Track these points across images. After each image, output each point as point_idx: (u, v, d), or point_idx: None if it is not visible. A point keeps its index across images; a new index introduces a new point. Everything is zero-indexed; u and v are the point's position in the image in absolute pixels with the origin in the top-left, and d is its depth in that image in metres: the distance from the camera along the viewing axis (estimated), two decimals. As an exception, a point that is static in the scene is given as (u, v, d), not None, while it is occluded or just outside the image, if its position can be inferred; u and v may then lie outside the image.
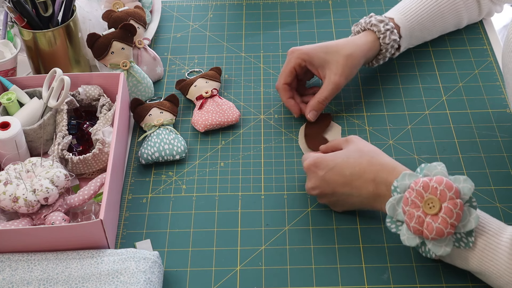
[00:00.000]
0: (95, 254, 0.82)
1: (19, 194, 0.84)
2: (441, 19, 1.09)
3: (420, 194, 0.76)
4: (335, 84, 0.99)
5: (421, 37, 1.10)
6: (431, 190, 0.75)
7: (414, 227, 0.76)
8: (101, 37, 1.04)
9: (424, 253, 0.78)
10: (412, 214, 0.76)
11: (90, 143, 0.99)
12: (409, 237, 0.77)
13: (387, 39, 1.03)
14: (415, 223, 0.75)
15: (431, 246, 0.76)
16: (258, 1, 1.28)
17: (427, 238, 0.75)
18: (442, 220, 0.74)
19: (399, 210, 0.78)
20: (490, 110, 1.04)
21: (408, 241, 0.77)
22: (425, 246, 0.77)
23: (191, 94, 1.06)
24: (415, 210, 0.76)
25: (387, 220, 0.79)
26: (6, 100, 0.97)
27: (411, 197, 0.76)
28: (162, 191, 0.95)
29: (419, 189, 0.76)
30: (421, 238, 0.77)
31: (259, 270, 0.85)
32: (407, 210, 0.76)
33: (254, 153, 1.00)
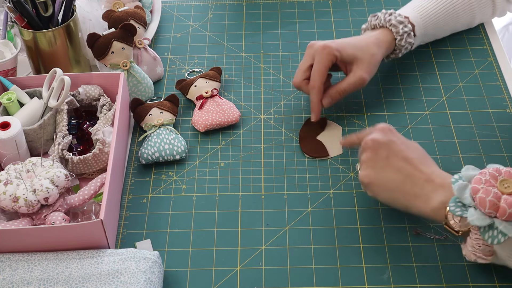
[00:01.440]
0: (95, 254, 0.82)
1: (19, 194, 0.84)
2: (455, 18, 1.09)
3: (493, 175, 0.74)
4: (361, 79, 1.00)
5: (433, 35, 1.10)
6: (504, 174, 0.74)
7: (491, 202, 0.72)
8: (101, 37, 1.04)
9: (490, 238, 0.73)
10: (488, 190, 0.73)
11: (90, 143, 0.99)
12: (479, 217, 0.73)
13: (403, 42, 1.03)
14: (492, 197, 0.72)
15: (502, 227, 0.72)
16: (258, 1, 1.28)
17: (503, 215, 0.71)
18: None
19: (467, 193, 0.75)
20: (490, 110, 1.04)
21: (478, 221, 0.73)
22: (494, 230, 0.73)
23: (191, 94, 1.06)
24: (490, 187, 0.73)
25: (451, 204, 0.75)
26: (6, 100, 0.97)
27: (484, 177, 0.74)
28: (162, 191, 0.95)
29: (492, 172, 0.75)
30: (491, 220, 0.73)
31: (259, 270, 0.85)
32: (481, 187, 0.73)
33: (254, 153, 1.00)
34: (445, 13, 1.07)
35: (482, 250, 0.75)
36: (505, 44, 1.78)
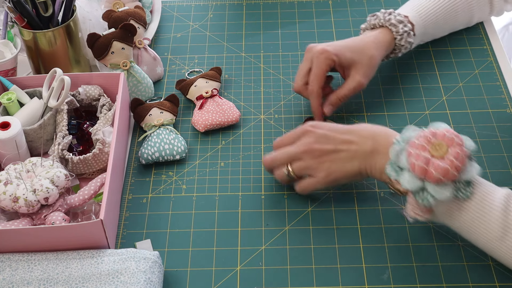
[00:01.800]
0: (95, 254, 0.82)
1: (19, 194, 0.84)
2: (454, 17, 1.09)
3: (427, 139, 0.77)
4: (359, 83, 1.00)
5: (432, 34, 1.11)
6: (437, 136, 0.77)
7: (419, 167, 0.75)
8: (101, 37, 1.04)
9: (422, 199, 0.77)
10: (419, 155, 0.76)
11: (90, 143, 0.99)
12: (410, 180, 0.77)
13: (403, 41, 1.03)
14: (422, 162, 0.75)
15: (432, 189, 0.75)
16: (258, 1, 1.28)
17: (430, 178, 0.75)
18: (448, 161, 0.75)
19: (402, 156, 0.78)
20: (490, 110, 1.04)
21: (409, 184, 0.76)
22: (424, 192, 0.76)
23: (191, 94, 1.06)
24: (421, 151, 0.76)
25: (387, 167, 0.80)
26: (6, 100, 0.97)
27: (418, 141, 0.77)
28: (162, 191, 0.95)
29: (427, 135, 0.77)
30: (421, 183, 0.76)
31: (259, 270, 0.85)
32: (414, 152, 0.76)
33: (254, 153, 1.00)
34: (445, 12, 1.07)
35: (420, 208, 0.79)
36: (505, 44, 1.78)
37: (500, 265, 0.83)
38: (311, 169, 0.87)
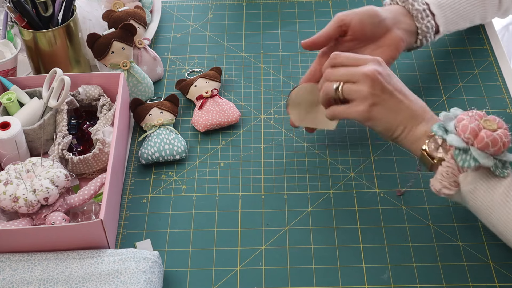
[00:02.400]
0: (95, 254, 0.82)
1: (19, 194, 0.84)
2: (470, 5, 1.06)
3: (479, 114, 0.79)
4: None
5: (453, 20, 1.06)
6: (489, 116, 0.79)
7: (472, 128, 0.76)
8: (101, 37, 1.04)
9: (462, 160, 0.76)
10: (472, 120, 0.77)
11: (90, 143, 0.99)
12: (457, 140, 0.77)
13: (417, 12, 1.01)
14: (475, 125, 0.77)
15: (476, 154, 0.76)
16: (258, 1, 1.28)
17: (480, 142, 0.76)
18: (498, 135, 0.76)
19: (451, 122, 0.79)
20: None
21: (457, 141, 0.77)
22: (467, 154, 0.76)
23: (191, 94, 1.06)
24: (474, 120, 0.78)
25: (435, 126, 0.80)
26: (6, 100, 0.97)
27: (470, 114, 0.78)
28: (162, 191, 0.95)
29: (478, 112, 0.79)
30: (467, 146, 0.77)
31: (259, 270, 0.85)
32: (466, 118, 0.78)
33: (254, 153, 1.00)
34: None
35: (449, 179, 0.78)
36: (505, 44, 1.78)
37: (500, 265, 0.83)
38: (360, 97, 0.84)
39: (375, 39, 0.97)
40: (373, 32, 0.96)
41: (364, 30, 0.96)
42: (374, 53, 0.97)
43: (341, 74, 0.86)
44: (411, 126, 0.83)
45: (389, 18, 0.97)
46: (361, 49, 0.98)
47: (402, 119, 0.83)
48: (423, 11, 1.00)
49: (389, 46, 0.97)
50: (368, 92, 0.83)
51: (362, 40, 0.97)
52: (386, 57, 0.96)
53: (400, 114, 0.83)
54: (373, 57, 0.86)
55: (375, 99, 0.83)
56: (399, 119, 0.83)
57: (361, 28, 0.96)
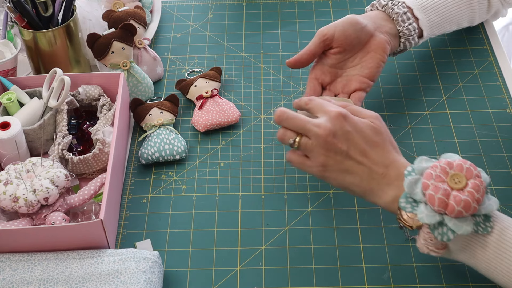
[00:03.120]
0: (95, 254, 0.82)
1: (19, 194, 0.84)
2: (456, 6, 1.06)
3: (444, 170, 0.73)
4: None
5: (438, 23, 1.05)
6: (456, 167, 0.73)
7: (440, 199, 0.71)
8: (101, 37, 1.04)
9: (440, 235, 0.73)
10: (438, 187, 0.72)
11: (90, 143, 0.99)
12: (428, 215, 0.72)
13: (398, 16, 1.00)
14: (441, 194, 0.71)
15: (452, 224, 0.72)
16: (258, 1, 1.28)
17: (452, 212, 0.71)
18: (469, 194, 0.71)
19: (417, 189, 0.74)
20: (490, 110, 1.04)
21: (428, 218, 0.72)
22: (443, 227, 0.72)
23: (191, 94, 1.06)
24: (440, 183, 0.72)
25: (401, 200, 0.75)
26: (6, 100, 0.97)
27: (435, 172, 0.73)
28: (162, 191, 0.95)
29: (443, 166, 0.73)
30: (440, 217, 0.72)
31: (259, 270, 0.85)
32: (431, 183, 0.72)
33: (254, 153, 1.00)
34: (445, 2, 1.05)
35: (434, 244, 0.75)
36: (505, 44, 1.78)
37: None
38: (313, 155, 0.82)
39: (361, 46, 0.97)
40: (358, 39, 0.96)
41: (349, 39, 0.96)
42: (364, 59, 0.97)
43: (298, 127, 0.83)
44: (375, 190, 0.80)
45: (370, 24, 0.98)
46: (350, 58, 0.98)
47: (362, 182, 0.80)
48: (404, 14, 1.00)
49: (376, 50, 0.97)
50: (319, 153, 0.81)
51: (349, 50, 0.97)
52: (375, 61, 0.97)
53: (357, 176, 0.80)
54: (338, 109, 0.82)
55: (327, 160, 0.81)
56: (357, 182, 0.81)
57: (345, 38, 0.96)
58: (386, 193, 0.79)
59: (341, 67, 0.98)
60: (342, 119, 0.81)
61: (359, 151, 0.80)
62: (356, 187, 0.81)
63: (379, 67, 0.97)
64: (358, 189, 0.82)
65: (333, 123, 0.81)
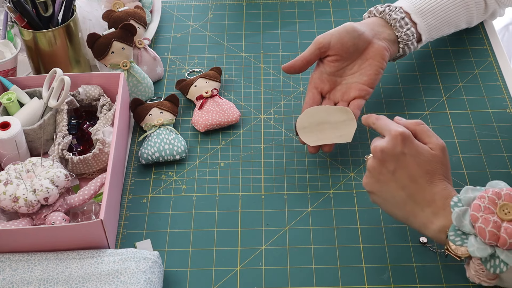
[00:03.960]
0: (95, 254, 0.82)
1: (19, 194, 0.84)
2: (453, 9, 1.06)
3: (492, 200, 0.72)
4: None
5: (437, 27, 1.05)
6: (504, 197, 0.71)
7: (491, 232, 0.70)
8: (101, 37, 1.04)
9: (492, 267, 0.71)
10: (488, 219, 0.70)
11: (90, 143, 0.99)
12: (479, 248, 0.71)
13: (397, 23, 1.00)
14: (492, 227, 0.70)
15: (504, 256, 0.70)
16: (258, 1, 1.28)
17: (504, 245, 0.70)
18: None
19: (466, 221, 0.72)
20: (490, 110, 1.04)
21: (479, 251, 0.71)
22: (495, 259, 0.71)
23: (191, 94, 1.06)
24: (490, 215, 0.71)
25: (450, 233, 0.73)
26: (6, 100, 0.97)
27: (483, 204, 0.71)
28: (162, 191, 0.95)
29: (491, 196, 0.72)
30: (492, 249, 0.71)
31: (259, 270, 0.85)
32: (480, 216, 0.71)
33: (254, 153, 1.00)
34: (442, 3, 1.05)
35: (486, 275, 0.74)
36: (505, 44, 1.78)
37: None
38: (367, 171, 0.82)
39: (359, 53, 0.97)
40: (355, 47, 0.96)
41: (346, 47, 0.96)
42: (363, 67, 0.97)
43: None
44: (421, 218, 0.78)
45: (368, 31, 0.98)
46: (349, 66, 0.98)
47: (403, 206, 0.79)
48: (402, 20, 1.00)
49: (374, 57, 0.97)
50: (369, 169, 0.81)
51: (347, 58, 0.97)
52: (374, 68, 0.97)
53: (400, 200, 0.79)
54: (397, 129, 0.80)
55: (373, 177, 0.81)
56: (399, 205, 0.80)
57: (342, 45, 0.96)
58: (432, 223, 0.77)
59: (340, 75, 0.98)
60: (400, 139, 0.79)
61: (407, 175, 0.79)
62: (399, 210, 0.80)
63: (378, 74, 0.97)
64: (400, 213, 0.80)
65: (389, 142, 0.80)
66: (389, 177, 0.80)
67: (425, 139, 0.81)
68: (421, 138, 0.82)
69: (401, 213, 0.80)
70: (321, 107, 0.96)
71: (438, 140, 0.81)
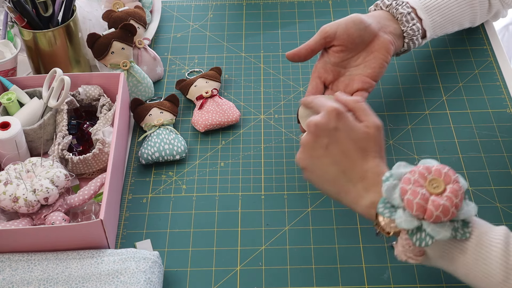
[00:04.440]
0: (95, 254, 0.82)
1: (19, 194, 0.84)
2: (458, 7, 1.06)
3: (422, 174, 0.72)
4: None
5: (441, 24, 1.05)
6: (434, 172, 0.73)
7: (418, 204, 0.70)
8: (101, 37, 1.04)
9: (418, 240, 0.71)
10: (416, 191, 0.71)
11: (90, 143, 0.99)
12: (406, 220, 0.71)
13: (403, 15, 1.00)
14: (420, 199, 0.70)
15: (430, 229, 0.70)
16: (258, 1, 1.28)
17: (430, 217, 0.70)
18: (447, 199, 0.70)
19: (395, 194, 0.73)
20: (490, 110, 1.04)
21: (406, 223, 0.71)
22: (421, 232, 0.71)
23: (191, 94, 1.06)
24: (418, 188, 0.71)
25: (380, 205, 0.74)
26: (6, 100, 0.97)
27: (414, 177, 0.72)
28: (162, 191, 0.95)
29: (421, 171, 0.72)
30: (419, 222, 0.71)
31: (259, 270, 0.85)
32: (410, 188, 0.71)
33: (254, 153, 1.00)
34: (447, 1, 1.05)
35: (412, 251, 0.74)
36: (505, 44, 1.78)
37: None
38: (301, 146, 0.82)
39: (365, 46, 0.97)
40: (361, 38, 0.96)
41: (352, 38, 0.95)
42: (367, 59, 0.97)
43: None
44: (352, 193, 0.78)
45: (374, 23, 0.97)
46: (353, 58, 0.97)
47: (334, 181, 0.79)
48: (408, 14, 0.99)
49: (380, 50, 0.97)
50: (303, 144, 0.81)
51: (352, 49, 0.96)
52: (378, 62, 0.96)
53: (332, 175, 0.79)
54: (332, 105, 0.81)
55: (307, 152, 0.81)
56: (331, 180, 0.80)
57: (348, 36, 0.95)
58: (363, 198, 0.77)
59: (344, 66, 0.98)
60: (334, 115, 0.80)
61: (340, 150, 0.79)
62: (331, 186, 0.80)
63: (382, 68, 0.97)
64: (332, 189, 0.80)
65: (323, 117, 0.80)
66: (321, 152, 0.80)
67: (362, 117, 0.82)
68: (358, 116, 0.82)
69: (333, 189, 0.80)
70: (324, 96, 0.96)
71: (374, 119, 0.82)
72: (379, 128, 0.81)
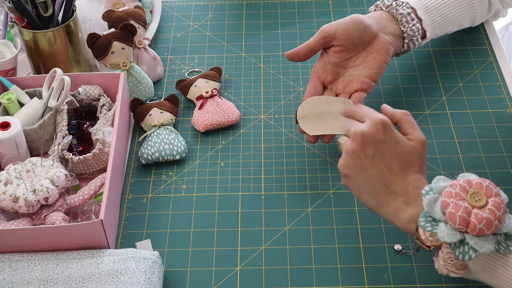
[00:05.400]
0: (95, 254, 0.82)
1: (19, 194, 0.84)
2: (458, 7, 1.06)
3: (463, 188, 0.72)
4: None
5: (441, 24, 1.05)
6: (475, 185, 0.72)
7: (461, 217, 0.70)
8: (101, 37, 1.04)
9: (461, 254, 0.71)
10: (458, 205, 0.70)
11: (90, 143, 0.99)
12: (449, 233, 0.71)
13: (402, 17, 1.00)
14: (462, 212, 0.70)
15: (473, 243, 0.70)
16: (258, 1, 1.28)
17: (473, 230, 0.69)
18: (490, 212, 0.69)
19: (436, 208, 0.73)
20: (490, 110, 1.04)
21: (448, 237, 0.71)
22: (464, 245, 0.71)
23: (191, 94, 1.06)
24: (460, 201, 0.71)
25: (421, 219, 0.73)
26: (6, 100, 0.97)
27: (455, 191, 0.72)
28: (162, 191, 0.95)
29: (463, 184, 0.72)
30: (461, 235, 0.71)
31: (259, 270, 0.85)
32: (451, 202, 0.71)
33: (254, 153, 1.00)
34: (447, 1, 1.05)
35: (454, 265, 0.74)
36: (505, 44, 1.78)
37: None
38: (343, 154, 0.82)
39: (364, 46, 0.97)
40: (360, 39, 0.96)
41: (351, 38, 0.95)
42: (367, 60, 0.97)
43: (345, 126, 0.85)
44: (393, 208, 0.78)
45: (374, 24, 0.97)
46: (353, 58, 0.97)
47: (377, 193, 0.79)
48: (408, 15, 0.99)
49: (379, 51, 0.97)
50: (347, 152, 0.81)
51: (351, 49, 0.96)
52: (378, 62, 0.96)
53: (374, 187, 0.79)
54: (379, 117, 0.81)
55: (350, 161, 0.80)
56: (373, 192, 0.79)
57: (348, 36, 0.95)
58: (404, 212, 0.77)
59: (344, 67, 0.98)
60: (381, 126, 0.80)
61: (384, 163, 0.79)
62: (371, 197, 0.80)
63: (382, 68, 0.97)
64: (372, 201, 0.80)
65: (370, 127, 0.80)
66: (367, 163, 0.79)
67: (408, 130, 0.82)
68: (404, 128, 0.82)
69: (373, 200, 0.80)
70: (323, 97, 0.96)
71: (420, 134, 0.81)
72: (424, 143, 0.81)
